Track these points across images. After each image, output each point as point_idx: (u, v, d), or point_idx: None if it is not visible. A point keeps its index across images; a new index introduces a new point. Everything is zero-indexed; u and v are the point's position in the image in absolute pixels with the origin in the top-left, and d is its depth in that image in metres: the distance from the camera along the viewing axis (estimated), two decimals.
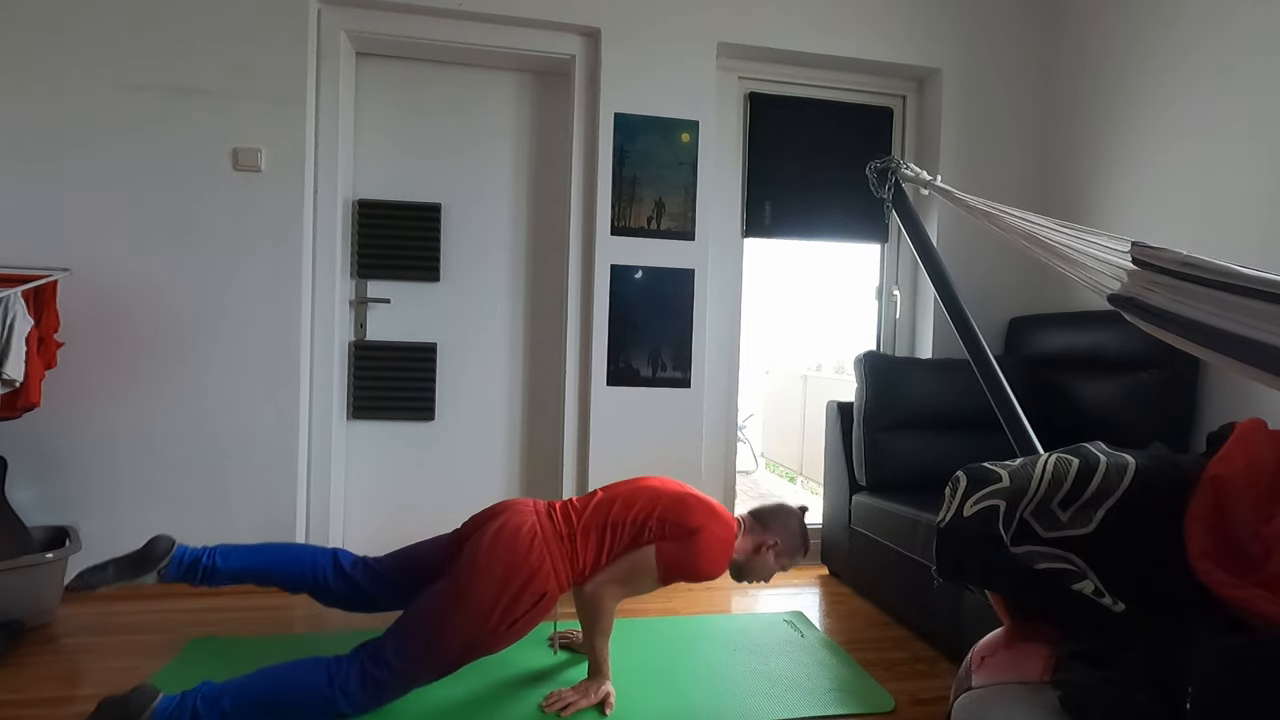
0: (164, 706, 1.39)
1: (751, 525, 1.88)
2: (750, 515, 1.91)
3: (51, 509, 2.32)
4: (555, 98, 2.84)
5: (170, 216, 2.39)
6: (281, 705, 1.46)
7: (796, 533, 1.87)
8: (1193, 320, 1.16)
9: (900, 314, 3.09)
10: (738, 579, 1.87)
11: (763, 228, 2.98)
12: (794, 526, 1.88)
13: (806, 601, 2.49)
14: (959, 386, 2.55)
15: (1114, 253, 1.29)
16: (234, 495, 2.44)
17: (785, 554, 1.85)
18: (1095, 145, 2.74)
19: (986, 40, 2.96)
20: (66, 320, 2.26)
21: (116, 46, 2.34)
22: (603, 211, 2.69)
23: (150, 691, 1.40)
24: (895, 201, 2.00)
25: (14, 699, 1.66)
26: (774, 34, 2.79)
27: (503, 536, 1.63)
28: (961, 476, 1.25)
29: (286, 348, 2.47)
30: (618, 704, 1.68)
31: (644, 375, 2.74)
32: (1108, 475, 1.22)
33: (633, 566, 1.69)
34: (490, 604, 1.55)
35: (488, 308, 2.82)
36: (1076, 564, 1.18)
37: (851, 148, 3.01)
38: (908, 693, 1.81)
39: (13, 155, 2.29)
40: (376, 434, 2.74)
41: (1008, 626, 1.29)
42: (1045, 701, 1.10)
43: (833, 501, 2.75)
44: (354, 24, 2.55)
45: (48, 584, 2.06)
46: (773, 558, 1.84)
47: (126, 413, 2.37)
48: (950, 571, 1.23)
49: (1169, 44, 2.44)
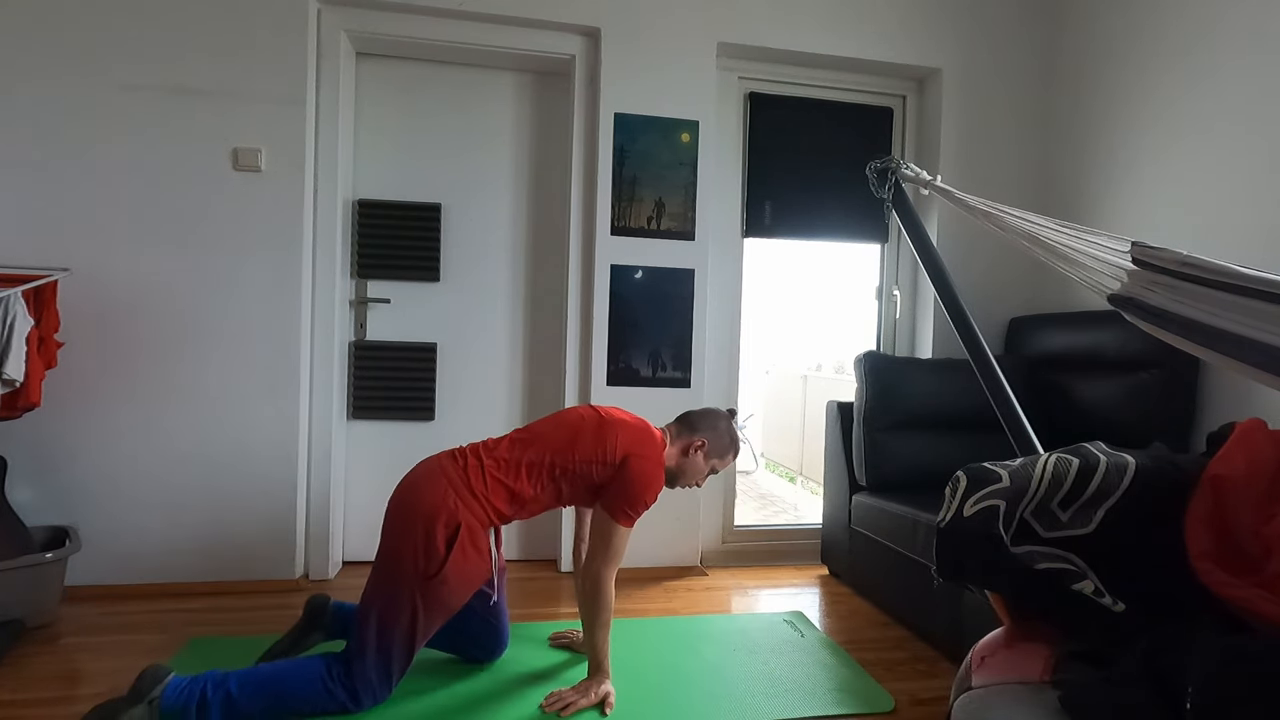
0: (175, 684, 1.44)
1: (679, 430, 1.88)
2: (677, 420, 1.91)
3: (51, 509, 2.32)
4: (555, 98, 2.84)
5: (170, 217, 2.39)
6: (284, 694, 1.50)
7: (724, 431, 1.88)
8: (1193, 320, 1.16)
9: (900, 314, 3.09)
10: (670, 485, 1.86)
11: (763, 228, 2.98)
12: (721, 426, 1.88)
13: (806, 601, 2.49)
14: (959, 386, 2.55)
15: (1114, 253, 1.29)
16: (234, 495, 2.44)
17: (714, 453, 1.86)
18: (1095, 145, 2.74)
19: (986, 40, 2.96)
20: (66, 320, 2.26)
21: (116, 46, 2.34)
22: (603, 211, 2.69)
23: (163, 669, 1.46)
24: (895, 201, 2.00)
25: (14, 699, 1.66)
26: (774, 34, 2.79)
27: (398, 492, 1.66)
28: (961, 476, 1.25)
29: (286, 348, 2.47)
30: (618, 704, 1.68)
31: (644, 375, 2.74)
32: (1108, 475, 1.22)
33: (603, 536, 1.70)
34: (410, 554, 1.56)
35: (488, 308, 2.82)
36: (1076, 564, 1.18)
37: (851, 148, 3.01)
38: (908, 693, 1.81)
39: (13, 155, 2.29)
40: (376, 434, 2.74)
41: (1008, 626, 1.29)
42: (1045, 701, 1.10)
43: (833, 501, 2.75)
44: (354, 24, 2.55)
45: (48, 584, 2.06)
46: (701, 458, 1.84)
47: (126, 413, 2.37)
48: (950, 571, 1.23)
49: (1169, 43, 2.45)
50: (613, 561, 1.70)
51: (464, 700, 1.69)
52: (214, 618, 2.17)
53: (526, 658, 1.91)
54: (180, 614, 2.19)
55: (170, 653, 1.91)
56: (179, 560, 2.40)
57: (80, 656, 1.89)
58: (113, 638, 2.01)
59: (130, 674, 1.76)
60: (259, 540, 2.45)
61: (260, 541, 2.45)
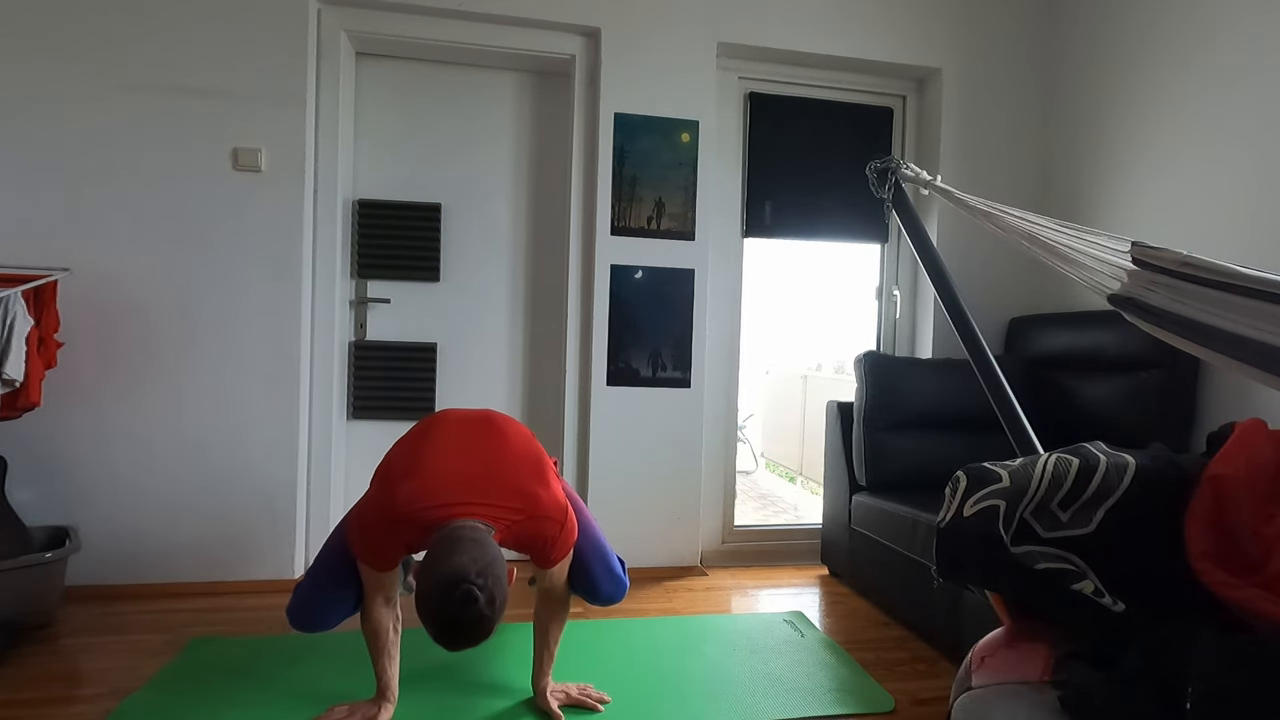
0: None
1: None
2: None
3: (51, 509, 2.32)
4: (555, 98, 2.84)
5: (170, 216, 2.39)
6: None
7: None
8: (1193, 320, 1.16)
9: (900, 314, 3.09)
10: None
11: (763, 228, 2.98)
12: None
13: (806, 601, 2.49)
14: (959, 386, 2.55)
15: (1114, 253, 1.29)
16: (234, 495, 2.44)
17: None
18: (1095, 145, 2.74)
19: (986, 40, 2.96)
20: (66, 320, 2.26)
21: (116, 46, 2.34)
22: (603, 211, 2.69)
23: None
24: (895, 201, 2.00)
25: (14, 699, 1.66)
26: (774, 34, 2.79)
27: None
28: (961, 476, 1.25)
29: (286, 348, 2.47)
30: (617, 703, 1.68)
31: (644, 375, 2.74)
32: (1108, 475, 1.22)
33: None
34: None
35: (488, 308, 2.82)
36: (1076, 564, 1.18)
37: (851, 148, 3.01)
38: (908, 693, 1.81)
39: (13, 155, 2.29)
40: (376, 434, 2.74)
41: (1008, 626, 1.29)
42: (1045, 701, 1.10)
43: (833, 501, 2.75)
44: (354, 24, 2.55)
45: (48, 584, 2.05)
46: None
47: (127, 413, 2.37)
48: (950, 571, 1.23)
49: (1169, 43, 2.44)
50: (367, 594, 1.54)
51: (465, 701, 1.69)
52: (214, 618, 2.17)
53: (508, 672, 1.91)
54: (180, 614, 2.19)
55: (170, 653, 1.91)
56: (178, 560, 2.40)
57: (80, 656, 1.89)
58: (113, 638, 2.01)
59: (130, 674, 1.77)
60: (259, 540, 2.45)
61: (260, 541, 2.45)
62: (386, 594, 1.55)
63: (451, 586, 1.18)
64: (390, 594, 1.56)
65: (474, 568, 1.21)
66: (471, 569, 1.20)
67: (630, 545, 2.71)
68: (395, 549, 1.43)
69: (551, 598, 1.64)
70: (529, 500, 1.42)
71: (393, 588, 1.55)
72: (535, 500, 1.43)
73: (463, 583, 1.18)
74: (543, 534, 1.45)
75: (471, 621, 1.19)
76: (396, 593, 1.58)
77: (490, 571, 1.22)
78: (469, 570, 1.20)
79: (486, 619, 1.21)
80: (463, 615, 1.18)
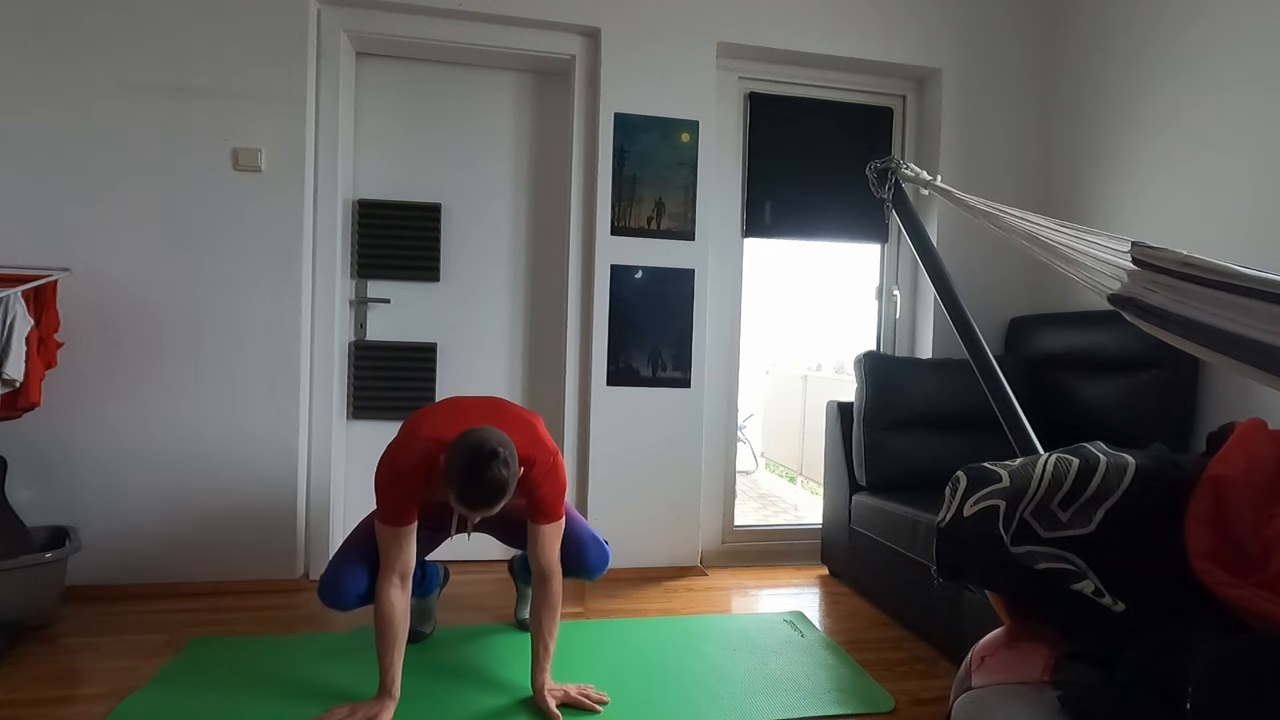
0: None
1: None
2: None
3: (51, 509, 2.32)
4: (555, 98, 2.84)
5: (170, 217, 2.39)
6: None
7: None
8: (1193, 320, 1.16)
9: (900, 314, 3.09)
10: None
11: (763, 227, 2.98)
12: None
13: (806, 601, 2.49)
14: (959, 386, 2.55)
15: (1114, 253, 1.29)
16: (234, 495, 2.44)
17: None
18: (1095, 145, 2.74)
19: (986, 40, 2.96)
20: (66, 320, 2.27)
21: (116, 46, 2.34)
22: (603, 211, 2.69)
23: None
24: (895, 201, 2.00)
25: (14, 699, 1.66)
26: (774, 34, 2.79)
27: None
28: (961, 476, 1.25)
29: (286, 348, 2.47)
30: (617, 703, 1.68)
31: (644, 375, 2.74)
32: (1108, 475, 1.22)
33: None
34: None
35: (488, 308, 2.82)
36: (1076, 564, 1.18)
37: (851, 148, 3.01)
38: (908, 693, 1.81)
39: (12, 155, 2.29)
40: (376, 434, 2.74)
41: (1008, 626, 1.29)
42: (1045, 701, 1.10)
43: (833, 501, 2.75)
44: (354, 24, 2.55)
45: (48, 584, 2.05)
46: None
47: (126, 413, 2.37)
48: (950, 572, 1.23)
49: (1169, 43, 2.44)
50: (382, 568, 1.64)
51: (466, 701, 1.69)
52: (214, 618, 2.17)
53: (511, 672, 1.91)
54: (180, 614, 2.19)
55: (170, 653, 1.91)
56: (178, 560, 2.40)
57: (80, 656, 1.89)
58: (113, 638, 2.01)
59: (130, 674, 1.77)
60: (259, 540, 2.45)
61: (260, 541, 2.45)
62: (403, 568, 1.63)
63: (479, 447, 1.46)
64: (406, 569, 1.64)
65: (496, 438, 1.49)
66: (494, 439, 1.49)
67: (630, 545, 2.71)
68: (417, 484, 1.60)
69: (544, 579, 1.70)
70: (525, 433, 1.67)
71: (409, 559, 1.64)
72: (532, 433, 1.69)
73: (489, 446, 1.46)
74: (536, 459, 1.66)
75: (495, 477, 1.46)
76: (411, 569, 1.65)
77: (509, 445, 1.51)
78: (493, 439, 1.48)
79: (506, 478, 1.48)
80: (488, 471, 1.45)
